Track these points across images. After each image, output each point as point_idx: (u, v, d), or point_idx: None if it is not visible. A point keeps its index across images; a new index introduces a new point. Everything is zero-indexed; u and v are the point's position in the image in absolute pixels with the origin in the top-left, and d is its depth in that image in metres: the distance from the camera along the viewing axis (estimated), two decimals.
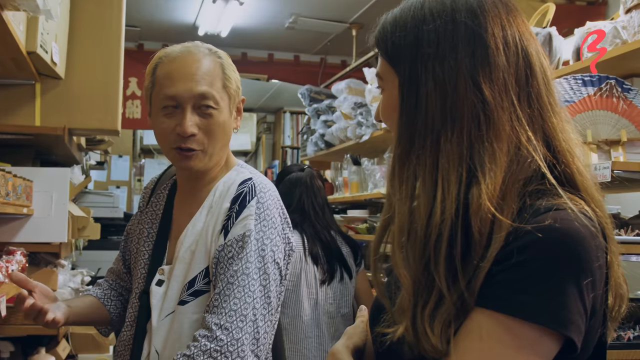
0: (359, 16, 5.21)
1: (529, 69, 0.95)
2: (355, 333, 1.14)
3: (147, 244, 1.68)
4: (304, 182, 2.93)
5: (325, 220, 2.95)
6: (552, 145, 0.94)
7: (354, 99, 4.13)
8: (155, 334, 1.55)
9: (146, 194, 1.80)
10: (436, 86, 0.92)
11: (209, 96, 1.54)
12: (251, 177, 1.59)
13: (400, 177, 0.95)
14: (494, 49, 0.92)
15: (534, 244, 0.83)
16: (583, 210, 0.87)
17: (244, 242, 1.49)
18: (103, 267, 4.61)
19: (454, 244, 0.87)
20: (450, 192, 0.89)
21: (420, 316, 0.89)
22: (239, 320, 1.43)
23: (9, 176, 1.97)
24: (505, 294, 0.83)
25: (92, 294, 1.82)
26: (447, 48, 0.93)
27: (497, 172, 0.88)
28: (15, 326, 2.33)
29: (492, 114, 0.90)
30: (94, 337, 3.33)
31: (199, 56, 1.57)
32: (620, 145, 2.07)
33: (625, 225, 2.18)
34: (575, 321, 0.82)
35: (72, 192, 3.00)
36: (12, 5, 1.65)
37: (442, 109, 0.92)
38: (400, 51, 0.97)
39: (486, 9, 0.94)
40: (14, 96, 2.44)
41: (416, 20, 0.96)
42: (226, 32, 5.59)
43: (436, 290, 0.88)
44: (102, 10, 2.58)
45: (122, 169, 6.94)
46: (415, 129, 0.94)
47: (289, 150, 7.51)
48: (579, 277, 0.82)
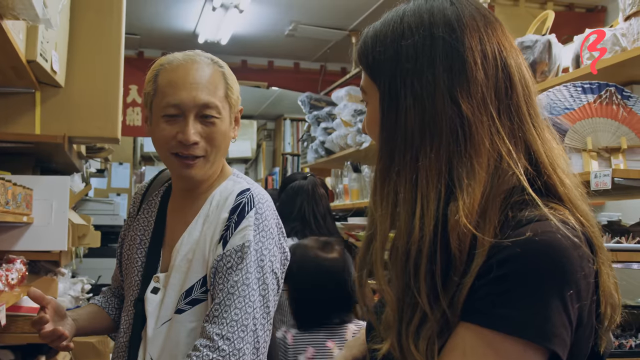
0: (358, 23, 5.22)
1: (509, 81, 0.94)
2: (355, 345, 1.14)
3: (140, 251, 1.68)
4: (305, 190, 2.93)
5: (326, 229, 2.94)
6: (534, 157, 0.93)
7: (354, 106, 4.14)
8: (151, 341, 1.55)
9: (137, 200, 1.79)
10: (415, 102, 0.92)
11: (212, 105, 1.55)
12: (249, 188, 1.59)
13: (381, 193, 0.94)
14: (471, 63, 0.91)
15: (514, 256, 0.82)
16: (565, 219, 0.87)
17: (244, 252, 1.49)
18: (103, 274, 4.60)
19: (434, 260, 0.87)
20: (429, 208, 0.88)
21: (405, 333, 0.88)
22: (240, 331, 1.43)
23: (8, 184, 1.97)
24: (487, 308, 0.82)
25: (96, 303, 1.83)
26: (425, 63, 0.92)
27: (475, 188, 0.87)
28: (15, 334, 2.33)
29: (470, 128, 0.90)
30: (94, 345, 3.32)
31: (202, 65, 1.58)
32: (620, 153, 2.06)
33: (626, 232, 2.18)
34: (559, 334, 0.81)
35: (72, 200, 3.00)
36: (12, 14, 1.65)
37: (421, 125, 0.91)
38: (381, 66, 0.96)
39: (464, 23, 0.94)
40: (13, 104, 2.44)
41: (395, 34, 0.95)
42: (226, 39, 5.59)
43: (420, 307, 0.87)
44: (102, 18, 2.58)
45: (123, 177, 6.94)
46: (395, 145, 0.93)
47: (289, 157, 7.51)
48: (562, 288, 0.81)
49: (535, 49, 2.32)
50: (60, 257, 2.57)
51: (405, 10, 0.97)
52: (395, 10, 0.99)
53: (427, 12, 0.95)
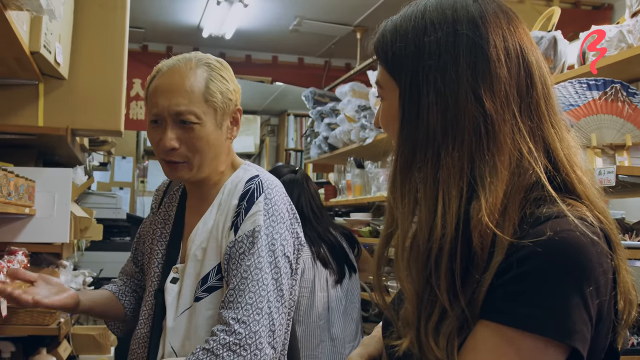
0: (363, 19, 5.21)
1: (530, 79, 0.93)
2: (371, 343, 1.14)
3: (161, 244, 1.73)
4: (300, 184, 2.89)
5: (324, 222, 2.92)
6: (552, 155, 0.93)
7: (358, 101, 4.13)
8: (172, 331, 1.59)
9: (158, 196, 1.85)
10: (437, 98, 0.91)
11: (186, 113, 1.58)
12: (258, 174, 1.63)
13: (402, 190, 0.94)
14: (495, 61, 0.91)
15: (533, 254, 0.82)
16: (583, 216, 0.86)
17: (254, 237, 1.53)
18: (105, 268, 4.60)
19: (454, 258, 0.87)
20: (451, 206, 0.88)
21: (424, 329, 0.88)
22: (255, 314, 1.47)
23: (11, 176, 1.97)
24: (507, 307, 0.82)
25: (107, 289, 1.86)
26: (448, 60, 0.91)
27: (497, 186, 0.87)
28: (17, 326, 2.33)
29: (493, 126, 0.90)
30: (95, 338, 3.33)
31: (184, 71, 1.61)
32: (625, 150, 2.06)
33: (629, 230, 2.17)
34: (580, 330, 0.81)
35: (74, 192, 3.00)
36: (16, 5, 1.65)
37: (443, 122, 0.91)
38: (402, 61, 0.95)
39: (488, 20, 0.93)
40: (17, 96, 2.44)
41: (417, 30, 0.94)
42: (230, 34, 5.59)
43: (439, 303, 0.87)
44: (106, 11, 2.58)
45: (126, 170, 6.94)
46: (417, 142, 0.93)
47: (292, 152, 7.51)
48: (581, 285, 0.81)
49: (540, 45, 2.31)
50: (62, 249, 2.57)
51: (427, 6, 0.96)
52: (416, 5, 0.98)
53: (450, 8, 0.94)
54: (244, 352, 1.44)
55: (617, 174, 1.85)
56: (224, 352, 1.43)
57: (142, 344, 1.67)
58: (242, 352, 1.44)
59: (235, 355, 1.43)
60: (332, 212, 4.42)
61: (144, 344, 1.67)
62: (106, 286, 1.88)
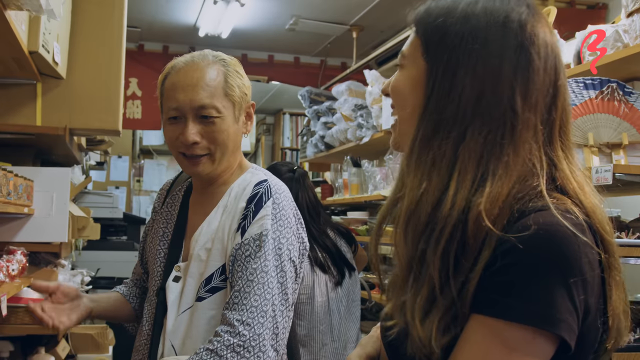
0: (359, 18, 5.21)
1: (555, 99, 0.96)
2: (369, 343, 1.15)
3: (163, 242, 1.74)
4: (298, 181, 2.86)
5: (322, 220, 2.91)
6: (554, 164, 0.96)
7: (355, 100, 4.14)
8: (172, 329, 1.61)
9: (161, 195, 1.87)
10: (473, 81, 0.93)
11: (208, 106, 1.60)
12: (266, 179, 1.65)
13: (417, 160, 0.96)
14: (535, 69, 0.94)
15: (517, 246, 0.84)
16: (567, 208, 0.88)
17: (261, 241, 1.54)
18: (102, 267, 4.60)
19: (453, 240, 0.88)
20: (463, 188, 0.90)
21: (411, 301, 0.90)
22: (260, 316, 1.48)
23: (10, 175, 1.97)
24: (492, 298, 0.84)
25: (118, 291, 1.90)
26: (494, 51, 0.93)
27: (505, 182, 0.90)
28: (15, 326, 2.33)
29: (518, 127, 0.92)
30: (93, 337, 3.33)
31: (202, 66, 1.63)
32: (621, 149, 2.07)
33: (625, 228, 2.19)
34: (565, 319, 0.82)
35: (72, 192, 3.00)
36: (15, 5, 1.65)
37: (475, 107, 0.92)
38: (444, 36, 0.96)
39: (536, 31, 0.95)
40: (15, 96, 2.44)
41: (467, 13, 0.96)
42: (227, 33, 5.58)
43: (429, 278, 0.89)
44: (104, 11, 2.58)
45: (122, 170, 6.94)
46: (443, 117, 0.94)
47: (288, 151, 7.51)
48: (565, 275, 0.83)
49: None
50: (60, 248, 2.57)
51: None
52: None
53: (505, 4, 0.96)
54: (247, 353, 1.45)
55: (614, 172, 1.87)
56: (228, 353, 1.44)
57: (144, 342, 1.69)
58: (246, 354, 1.45)
59: (239, 356, 1.44)
60: (328, 211, 4.43)
61: (145, 342, 1.68)
62: (117, 287, 1.92)
